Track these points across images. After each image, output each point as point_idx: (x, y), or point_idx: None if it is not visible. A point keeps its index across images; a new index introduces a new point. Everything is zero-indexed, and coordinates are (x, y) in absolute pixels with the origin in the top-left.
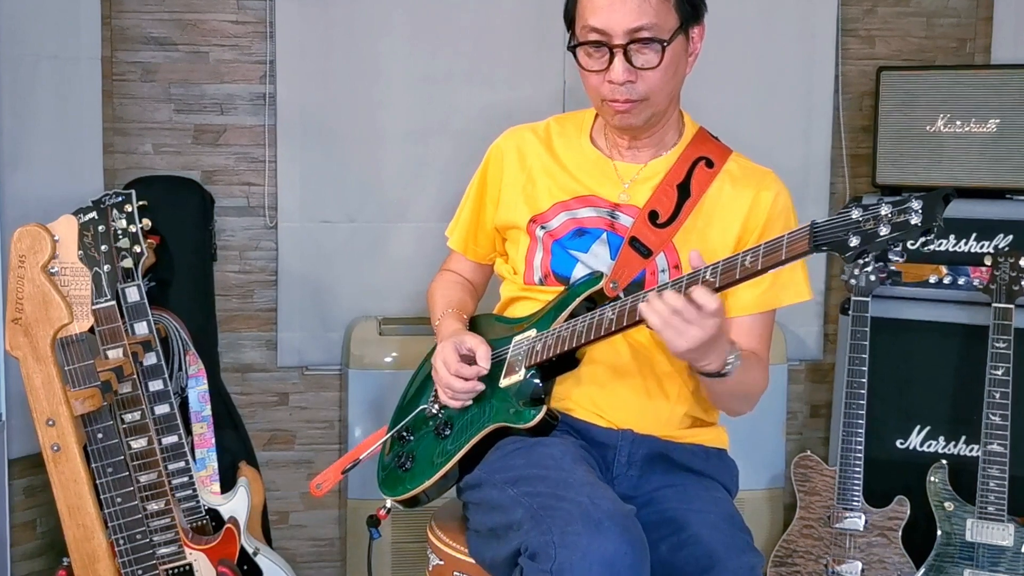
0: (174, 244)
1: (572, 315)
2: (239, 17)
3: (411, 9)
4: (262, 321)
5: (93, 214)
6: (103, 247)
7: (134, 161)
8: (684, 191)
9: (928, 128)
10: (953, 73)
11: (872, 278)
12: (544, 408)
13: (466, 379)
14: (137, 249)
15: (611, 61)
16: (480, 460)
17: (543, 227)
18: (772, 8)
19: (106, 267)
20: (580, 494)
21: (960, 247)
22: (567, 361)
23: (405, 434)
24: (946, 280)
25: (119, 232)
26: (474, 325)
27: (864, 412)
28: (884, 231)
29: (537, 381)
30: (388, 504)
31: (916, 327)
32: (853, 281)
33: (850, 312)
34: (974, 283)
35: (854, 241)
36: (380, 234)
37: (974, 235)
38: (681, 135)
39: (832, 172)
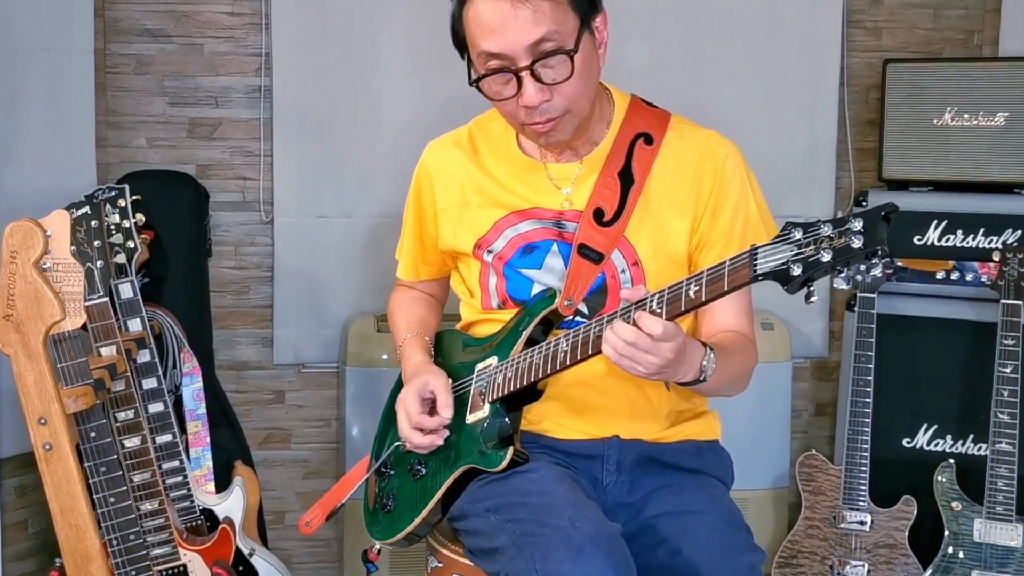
0: (168, 239)
1: (530, 339)
2: (234, 8)
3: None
4: (258, 318)
5: (86, 209)
6: (96, 243)
7: (127, 155)
8: (626, 178)
9: (935, 121)
10: (961, 65)
11: (878, 274)
12: (511, 450)
13: (426, 431)
14: (131, 244)
15: (520, 85)
16: (462, 491)
17: (490, 251)
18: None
19: (99, 263)
20: (561, 518)
21: (968, 242)
22: (529, 392)
23: (385, 469)
24: (954, 276)
25: (112, 227)
26: (439, 343)
27: (870, 410)
28: (825, 257)
29: (503, 418)
30: (377, 547)
31: (923, 324)
32: (859, 277)
33: (856, 308)
34: (982, 279)
35: (796, 270)
36: (378, 229)
37: (982, 230)
38: (612, 118)
39: (837, 166)
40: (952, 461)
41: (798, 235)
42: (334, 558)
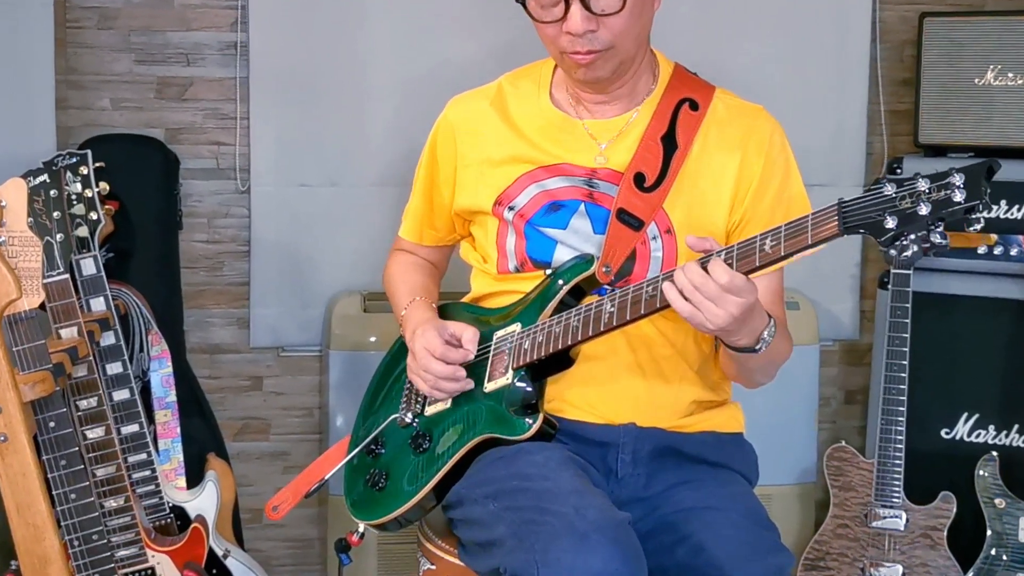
0: (135, 210)
1: (560, 305)
2: None
3: None
4: (233, 296)
5: (44, 177)
6: (55, 214)
7: (90, 118)
8: (670, 143)
9: (976, 81)
10: (1005, 19)
11: (914, 248)
12: (540, 416)
13: (450, 364)
14: (93, 216)
15: (567, 10)
16: (463, 474)
17: (511, 207)
18: None
19: (59, 236)
20: (565, 505)
21: (1012, 214)
22: (560, 360)
23: (375, 447)
24: (996, 250)
25: (73, 197)
26: (444, 315)
27: (905, 398)
28: (923, 210)
29: (527, 385)
30: (361, 529)
31: (963, 303)
32: (893, 252)
33: (889, 287)
34: None
35: (890, 223)
36: (364, 199)
37: None
38: (657, 78)
39: (869, 131)
40: (995, 454)
41: (891, 189)
42: (315, 560)
